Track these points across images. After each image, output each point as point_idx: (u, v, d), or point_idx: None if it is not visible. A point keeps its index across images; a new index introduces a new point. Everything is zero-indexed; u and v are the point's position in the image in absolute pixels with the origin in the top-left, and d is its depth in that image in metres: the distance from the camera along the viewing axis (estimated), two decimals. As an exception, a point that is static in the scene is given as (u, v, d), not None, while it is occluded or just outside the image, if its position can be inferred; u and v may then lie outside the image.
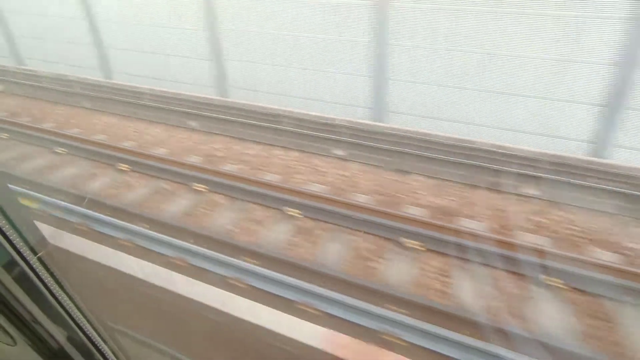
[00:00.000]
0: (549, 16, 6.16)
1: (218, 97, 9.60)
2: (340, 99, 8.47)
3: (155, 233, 5.74)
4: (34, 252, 1.07)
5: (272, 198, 6.48)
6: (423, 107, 7.79)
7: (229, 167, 7.54)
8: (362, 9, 7.39)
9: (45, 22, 11.25)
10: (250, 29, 8.65)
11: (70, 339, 1.19)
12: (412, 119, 7.98)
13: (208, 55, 9.43)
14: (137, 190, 7.05)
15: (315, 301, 4.77)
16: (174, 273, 3.43)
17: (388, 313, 4.50)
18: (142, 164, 7.55)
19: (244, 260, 5.31)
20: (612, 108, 6.35)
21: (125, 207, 6.43)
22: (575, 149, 6.88)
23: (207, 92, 9.78)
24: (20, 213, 1.00)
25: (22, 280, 1.04)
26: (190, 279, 3.34)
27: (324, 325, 2.90)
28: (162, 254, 5.55)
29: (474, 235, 5.47)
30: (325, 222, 6.05)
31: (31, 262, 1.06)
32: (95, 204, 6.47)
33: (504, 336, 4.26)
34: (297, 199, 6.35)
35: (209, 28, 9.02)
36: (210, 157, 7.99)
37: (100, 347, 1.33)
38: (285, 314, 2.98)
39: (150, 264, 3.49)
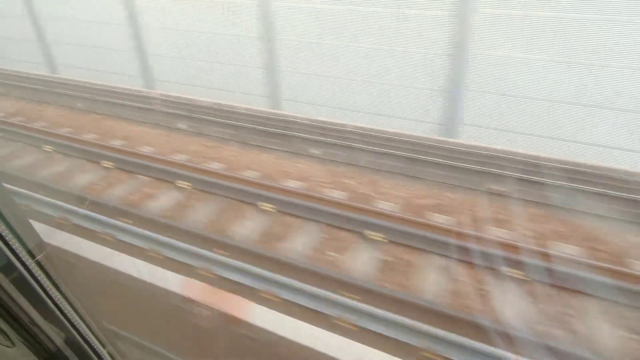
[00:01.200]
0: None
1: (271, 110, 9.09)
2: (406, 113, 8.00)
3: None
4: (32, 255, 1.08)
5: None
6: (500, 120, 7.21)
7: (336, 194, 6.77)
8: (440, 20, 6.93)
9: (82, 28, 10.79)
10: (309, 40, 8.25)
11: (67, 341, 1.20)
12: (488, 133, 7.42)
13: (261, 65, 8.98)
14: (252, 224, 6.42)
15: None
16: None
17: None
18: (232, 189, 6.97)
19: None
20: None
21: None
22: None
23: (258, 103, 9.28)
24: (18, 216, 1.01)
25: (20, 283, 1.05)
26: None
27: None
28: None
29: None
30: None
31: (29, 265, 1.08)
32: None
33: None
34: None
35: (265, 37, 8.63)
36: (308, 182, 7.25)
37: (97, 349, 1.34)
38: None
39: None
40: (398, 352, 4.05)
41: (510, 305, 4.79)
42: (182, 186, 7.15)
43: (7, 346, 1.02)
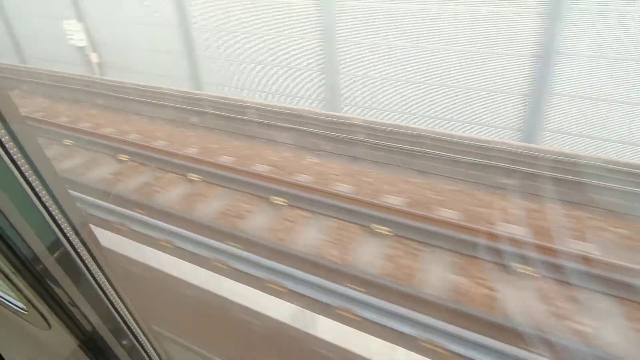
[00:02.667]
0: None
1: (330, 112, 8.41)
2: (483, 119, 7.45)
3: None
4: (77, 234, 1.03)
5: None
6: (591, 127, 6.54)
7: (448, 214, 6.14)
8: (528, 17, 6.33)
9: (130, 30, 10.74)
10: (375, 42, 7.70)
11: (105, 323, 1.17)
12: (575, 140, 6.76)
13: (318, 67, 8.48)
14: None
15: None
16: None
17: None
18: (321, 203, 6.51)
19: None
20: None
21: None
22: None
23: (315, 106, 8.74)
24: (64, 194, 0.96)
25: (65, 261, 1.01)
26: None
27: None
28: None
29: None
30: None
31: (74, 243, 1.03)
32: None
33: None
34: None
35: (325, 38, 8.11)
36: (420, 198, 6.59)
37: (134, 331, 1.30)
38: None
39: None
40: None
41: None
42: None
43: (44, 329, 0.99)
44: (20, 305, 0.95)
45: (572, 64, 6.22)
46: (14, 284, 0.89)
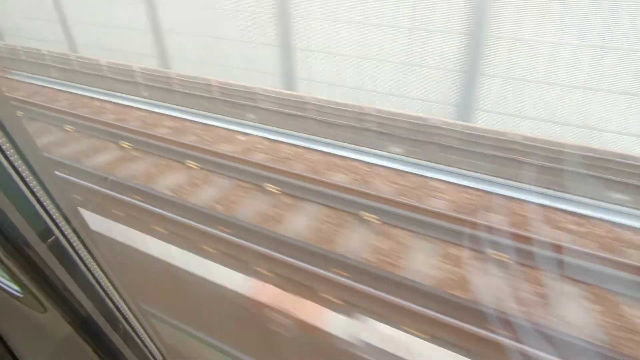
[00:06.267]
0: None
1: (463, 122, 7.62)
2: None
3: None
4: (68, 222, 1.06)
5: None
6: None
7: None
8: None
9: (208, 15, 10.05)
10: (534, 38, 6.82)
11: (99, 308, 1.21)
12: None
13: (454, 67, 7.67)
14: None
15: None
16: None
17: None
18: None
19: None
20: None
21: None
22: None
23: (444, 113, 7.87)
24: (55, 182, 0.99)
25: (56, 248, 1.04)
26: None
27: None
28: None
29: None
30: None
31: (65, 231, 1.06)
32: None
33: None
34: None
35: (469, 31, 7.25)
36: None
37: (126, 315, 1.34)
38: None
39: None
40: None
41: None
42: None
43: (39, 311, 1.02)
44: (16, 288, 0.99)
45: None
46: (8, 268, 0.92)
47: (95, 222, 5.04)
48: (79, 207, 1.11)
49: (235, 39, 9.88)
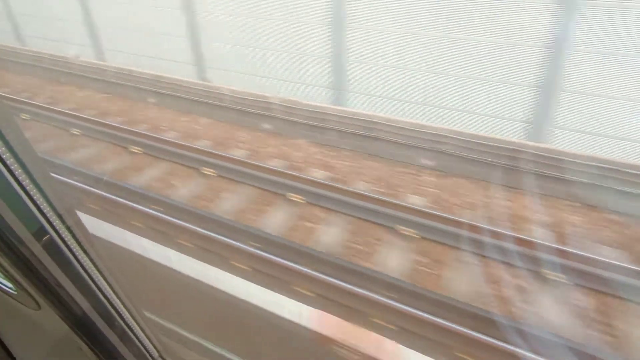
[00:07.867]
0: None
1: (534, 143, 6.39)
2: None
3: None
4: (63, 221, 1.08)
5: None
6: None
7: None
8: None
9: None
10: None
11: (94, 305, 1.22)
12: None
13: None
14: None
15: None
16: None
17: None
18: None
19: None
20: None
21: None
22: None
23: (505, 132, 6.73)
24: (49, 182, 1.00)
25: (50, 247, 1.06)
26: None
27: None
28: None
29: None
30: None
31: (59, 230, 1.08)
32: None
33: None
34: None
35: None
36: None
37: (122, 314, 1.36)
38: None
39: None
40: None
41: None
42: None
43: (34, 309, 1.04)
44: (9, 285, 1.00)
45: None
46: (1, 266, 0.93)
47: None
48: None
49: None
